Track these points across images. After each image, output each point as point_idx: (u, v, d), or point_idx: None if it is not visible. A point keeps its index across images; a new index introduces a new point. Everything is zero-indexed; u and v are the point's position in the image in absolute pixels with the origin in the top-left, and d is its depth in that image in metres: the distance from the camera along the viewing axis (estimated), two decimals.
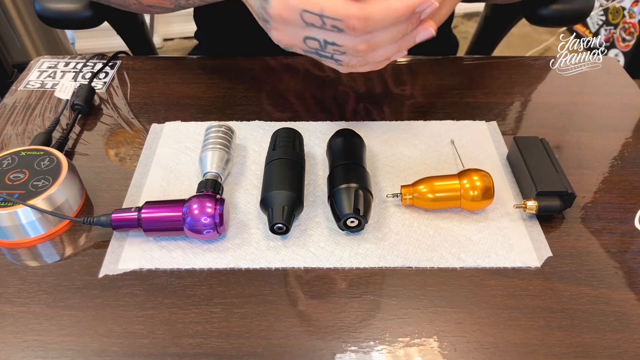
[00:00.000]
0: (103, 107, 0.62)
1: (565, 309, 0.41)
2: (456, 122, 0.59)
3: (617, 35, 1.93)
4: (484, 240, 0.46)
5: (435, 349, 0.39)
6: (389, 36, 0.43)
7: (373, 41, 0.42)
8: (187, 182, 0.51)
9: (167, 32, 2.18)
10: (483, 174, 0.47)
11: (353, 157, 0.49)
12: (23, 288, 0.43)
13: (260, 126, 0.58)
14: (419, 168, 0.53)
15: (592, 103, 0.62)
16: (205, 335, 0.39)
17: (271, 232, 0.45)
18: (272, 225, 0.44)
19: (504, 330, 0.40)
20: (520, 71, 0.68)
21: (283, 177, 0.47)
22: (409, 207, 0.49)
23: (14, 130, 0.58)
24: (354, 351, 0.38)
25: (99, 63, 0.68)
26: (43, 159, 0.48)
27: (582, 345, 0.39)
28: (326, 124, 0.59)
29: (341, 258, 0.45)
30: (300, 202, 0.46)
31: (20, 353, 0.38)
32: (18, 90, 0.64)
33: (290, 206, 0.45)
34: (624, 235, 0.47)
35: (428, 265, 0.44)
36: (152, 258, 0.45)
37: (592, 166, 0.54)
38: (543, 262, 0.44)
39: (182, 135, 0.57)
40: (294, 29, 0.43)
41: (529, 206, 0.46)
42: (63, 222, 0.47)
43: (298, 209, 0.46)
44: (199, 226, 0.43)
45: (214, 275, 0.43)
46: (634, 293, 0.42)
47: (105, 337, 0.39)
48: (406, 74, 0.67)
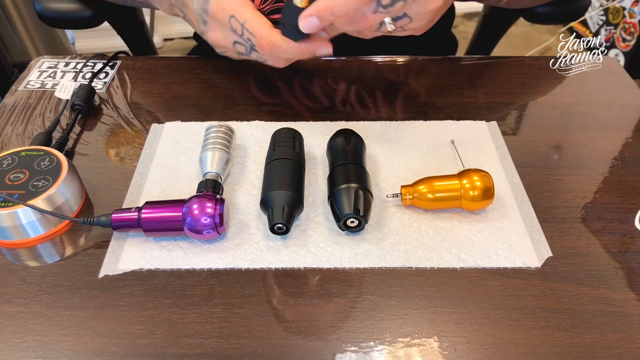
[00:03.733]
0: (103, 107, 0.62)
1: (566, 309, 0.41)
2: (456, 122, 0.59)
3: (618, 35, 1.93)
4: (484, 241, 0.46)
5: (435, 349, 0.39)
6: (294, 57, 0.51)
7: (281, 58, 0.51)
8: (187, 182, 0.51)
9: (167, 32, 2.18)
10: (483, 174, 0.47)
11: (353, 157, 0.49)
12: (23, 288, 0.43)
13: (260, 126, 0.58)
14: (419, 168, 0.53)
15: (592, 103, 0.62)
16: (205, 336, 0.39)
17: (271, 232, 0.45)
18: (272, 225, 0.44)
19: (504, 331, 0.40)
20: (520, 71, 0.67)
21: (283, 177, 0.47)
22: (409, 207, 0.49)
23: (14, 130, 0.58)
24: (354, 351, 0.38)
25: (99, 63, 0.68)
26: (43, 159, 0.48)
27: (582, 345, 0.39)
28: (326, 124, 0.59)
29: (341, 258, 0.45)
30: (300, 202, 0.46)
31: (20, 353, 0.38)
32: (18, 90, 0.64)
33: (290, 206, 0.45)
34: (624, 235, 0.47)
35: (428, 266, 0.44)
36: (152, 258, 0.45)
37: (592, 166, 0.54)
38: (543, 262, 0.44)
39: (182, 135, 0.57)
40: (225, 32, 0.49)
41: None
42: (63, 222, 0.47)
43: (298, 209, 0.46)
44: (199, 226, 0.43)
45: (214, 275, 0.43)
46: (634, 293, 0.42)
47: (105, 337, 0.39)
48: (406, 74, 0.67)
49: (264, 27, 0.47)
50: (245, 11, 0.48)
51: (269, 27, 0.47)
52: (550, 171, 0.53)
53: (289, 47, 0.48)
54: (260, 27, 0.47)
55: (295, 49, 0.48)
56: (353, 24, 0.47)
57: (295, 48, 0.48)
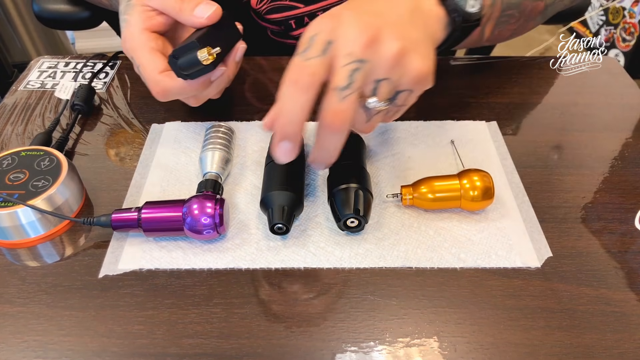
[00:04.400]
0: (103, 107, 0.62)
1: (566, 309, 0.41)
2: (456, 122, 0.59)
3: (617, 35, 1.93)
4: (484, 241, 0.46)
5: (435, 349, 0.39)
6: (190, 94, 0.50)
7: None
8: (187, 182, 0.51)
9: None
10: (483, 174, 0.47)
11: (353, 157, 0.49)
12: (23, 288, 0.43)
13: (260, 126, 0.58)
14: (419, 168, 0.53)
15: (592, 103, 0.62)
16: (205, 336, 0.39)
17: (271, 233, 0.45)
18: (272, 225, 0.44)
19: (504, 331, 0.40)
20: (520, 71, 0.67)
21: (283, 178, 0.47)
22: (409, 207, 0.49)
23: (14, 130, 0.58)
24: (354, 351, 0.38)
25: (99, 63, 0.68)
26: (43, 159, 0.48)
27: (582, 345, 0.39)
28: None
29: (341, 258, 0.45)
30: (300, 203, 0.46)
31: (20, 353, 0.38)
32: (18, 90, 0.64)
33: (290, 206, 0.45)
34: (624, 236, 0.47)
35: (428, 266, 0.44)
36: (152, 258, 0.45)
37: (592, 166, 0.54)
38: (543, 262, 0.44)
39: (182, 135, 0.57)
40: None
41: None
42: (63, 222, 0.47)
43: (298, 209, 0.46)
44: (199, 226, 0.43)
45: (214, 275, 0.43)
46: (634, 293, 0.42)
47: (105, 337, 0.39)
48: None
49: (154, 73, 0.47)
50: (141, 54, 0.48)
51: (160, 72, 0.47)
52: (550, 171, 0.53)
53: (180, 89, 0.47)
54: (152, 72, 0.47)
55: (187, 87, 0.47)
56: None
57: (186, 87, 0.47)
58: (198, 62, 0.45)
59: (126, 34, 0.49)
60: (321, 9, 0.68)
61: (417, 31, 0.41)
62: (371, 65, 0.38)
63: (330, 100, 0.38)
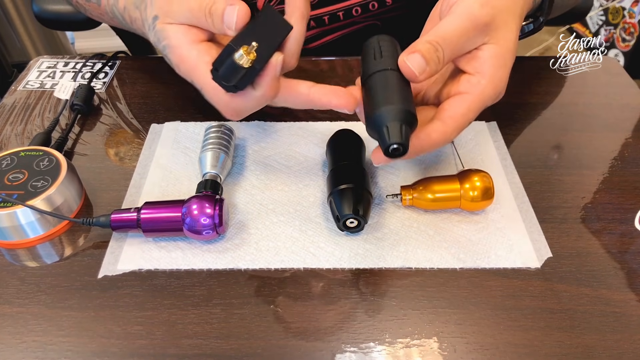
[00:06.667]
0: (102, 107, 0.62)
1: (565, 309, 0.41)
2: None
3: (617, 35, 1.93)
4: (484, 241, 0.46)
5: (435, 349, 0.38)
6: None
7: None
8: (187, 182, 0.51)
9: None
10: (483, 175, 0.47)
11: (353, 157, 0.49)
12: (22, 289, 0.42)
13: (259, 126, 0.58)
14: (418, 168, 0.53)
15: (592, 103, 0.62)
16: (205, 336, 0.39)
17: (385, 155, 0.38)
18: (387, 146, 0.38)
19: (504, 331, 0.40)
20: (520, 71, 0.67)
21: (396, 90, 0.39)
22: (408, 207, 0.49)
23: (13, 130, 0.58)
24: (354, 352, 0.38)
25: (99, 63, 0.67)
26: (42, 159, 0.48)
27: (582, 346, 0.39)
28: (326, 124, 0.59)
29: (341, 258, 0.44)
30: (416, 120, 0.39)
31: (20, 354, 0.38)
32: (17, 90, 0.64)
33: (407, 124, 0.38)
34: (624, 236, 0.47)
35: (428, 266, 0.44)
36: (151, 259, 0.44)
37: (592, 166, 0.54)
38: (543, 262, 0.44)
39: (182, 135, 0.57)
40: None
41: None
42: (62, 222, 0.47)
43: (413, 128, 0.40)
44: (198, 227, 0.43)
45: (214, 275, 0.43)
46: (634, 294, 0.42)
47: (104, 337, 0.39)
48: None
49: (220, 94, 0.42)
50: (199, 75, 0.42)
51: (224, 94, 0.42)
52: (550, 171, 0.53)
53: (255, 102, 0.42)
54: (217, 94, 0.42)
55: (261, 98, 0.42)
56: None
57: (260, 97, 0.42)
58: (238, 66, 0.38)
59: (175, 59, 0.43)
60: (327, 13, 0.68)
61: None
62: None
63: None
